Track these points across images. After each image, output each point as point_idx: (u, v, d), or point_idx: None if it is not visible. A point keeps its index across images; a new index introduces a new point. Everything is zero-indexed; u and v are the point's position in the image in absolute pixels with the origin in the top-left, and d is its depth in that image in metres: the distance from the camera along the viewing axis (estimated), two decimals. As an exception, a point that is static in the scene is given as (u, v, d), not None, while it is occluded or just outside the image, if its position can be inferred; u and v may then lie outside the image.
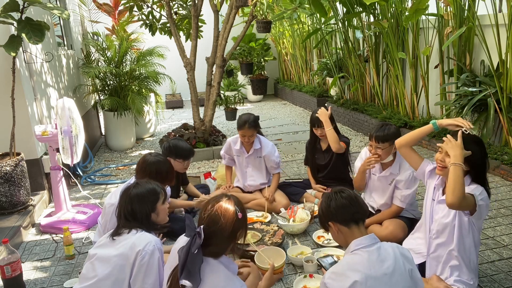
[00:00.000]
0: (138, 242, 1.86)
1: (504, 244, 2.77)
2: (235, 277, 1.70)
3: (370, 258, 1.62)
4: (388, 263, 1.61)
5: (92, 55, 6.12)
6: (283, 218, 3.17)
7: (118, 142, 5.83)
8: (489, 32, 4.12)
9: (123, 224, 1.97)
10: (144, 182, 2.08)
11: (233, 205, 1.70)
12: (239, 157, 3.64)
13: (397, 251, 1.67)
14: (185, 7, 5.53)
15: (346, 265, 1.64)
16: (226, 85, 8.64)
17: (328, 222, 1.76)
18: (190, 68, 5.17)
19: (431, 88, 5.15)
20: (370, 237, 1.68)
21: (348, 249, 1.71)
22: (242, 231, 1.72)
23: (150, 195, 2.02)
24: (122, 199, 2.02)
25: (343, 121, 6.67)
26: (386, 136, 2.74)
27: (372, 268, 1.59)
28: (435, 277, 2.16)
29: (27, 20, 3.25)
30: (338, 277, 1.61)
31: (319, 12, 5.52)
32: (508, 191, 3.61)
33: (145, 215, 1.98)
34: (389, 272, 1.59)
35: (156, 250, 1.86)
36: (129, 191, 2.01)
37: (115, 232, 1.97)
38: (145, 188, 2.03)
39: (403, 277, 1.62)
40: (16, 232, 3.15)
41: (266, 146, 3.55)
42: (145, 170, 2.58)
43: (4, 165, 3.31)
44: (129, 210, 1.97)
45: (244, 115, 3.50)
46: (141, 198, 1.99)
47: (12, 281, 2.46)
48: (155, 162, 2.62)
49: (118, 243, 1.91)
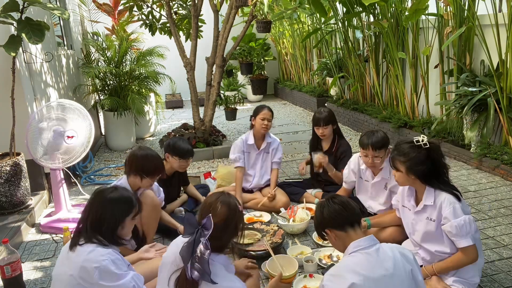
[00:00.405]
0: (92, 258, 1.70)
1: (504, 244, 2.77)
2: (235, 278, 1.71)
3: (368, 259, 1.61)
4: (388, 264, 1.60)
5: (92, 55, 6.12)
6: (283, 218, 3.18)
7: (118, 142, 5.83)
8: (489, 32, 4.12)
9: (84, 233, 1.78)
10: (122, 188, 1.92)
11: (233, 198, 1.76)
12: (249, 153, 3.66)
13: (396, 252, 1.66)
14: (185, 7, 5.53)
15: (344, 267, 1.63)
16: (226, 85, 8.64)
17: (325, 229, 1.77)
18: (190, 68, 5.17)
19: (431, 88, 5.15)
20: (369, 238, 1.68)
21: (346, 251, 1.70)
22: (242, 225, 1.75)
23: (124, 204, 1.85)
24: (94, 201, 1.83)
25: (343, 121, 6.68)
26: (382, 142, 2.75)
27: (371, 270, 1.58)
28: (435, 277, 2.16)
29: (27, 20, 3.25)
30: (336, 279, 1.61)
31: (319, 12, 5.51)
32: (508, 191, 3.61)
33: (112, 225, 1.80)
34: (389, 274, 1.58)
35: (108, 264, 1.71)
36: (104, 194, 1.84)
37: (74, 243, 1.78)
38: (121, 195, 1.87)
39: (403, 279, 1.61)
40: (16, 232, 3.15)
41: (274, 141, 3.66)
42: (131, 164, 2.64)
43: (4, 165, 3.31)
44: (98, 216, 1.78)
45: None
46: (115, 205, 1.83)
47: (12, 281, 2.46)
48: (142, 156, 2.66)
49: (72, 259, 1.74)
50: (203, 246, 1.60)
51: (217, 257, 1.69)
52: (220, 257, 1.70)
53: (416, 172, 2.13)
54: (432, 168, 2.12)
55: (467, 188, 3.72)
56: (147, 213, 2.68)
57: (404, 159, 2.15)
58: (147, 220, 2.74)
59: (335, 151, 3.53)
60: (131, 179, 2.67)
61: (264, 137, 3.62)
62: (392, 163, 2.24)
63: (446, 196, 2.10)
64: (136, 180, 2.65)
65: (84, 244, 1.75)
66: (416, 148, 2.13)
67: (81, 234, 1.79)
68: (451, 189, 2.14)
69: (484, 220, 3.12)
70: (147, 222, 2.75)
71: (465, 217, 2.04)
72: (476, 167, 4.19)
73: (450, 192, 2.11)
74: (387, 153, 2.79)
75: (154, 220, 2.81)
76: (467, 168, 4.22)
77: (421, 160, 2.11)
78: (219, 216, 1.68)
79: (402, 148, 2.18)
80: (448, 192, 2.11)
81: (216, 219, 1.66)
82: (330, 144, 3.56)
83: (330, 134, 3.54)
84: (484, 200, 3.46)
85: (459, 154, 4.44)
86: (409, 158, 2.13)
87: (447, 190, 2.12)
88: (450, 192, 2.11)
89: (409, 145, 2.16)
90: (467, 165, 4.28)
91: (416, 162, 2.11)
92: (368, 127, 5.82)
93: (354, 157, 3.07)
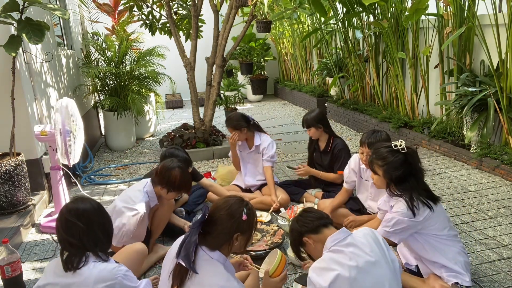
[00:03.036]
0: (102, 279, 1.70)
1: (504, 244, 2.77)
2: (234, 278, 1.71)
3: (349, 250, 1.70)
4: (366, 250, 1.71)
5: (92, 55, 6.12)
6: (283, 218, 3.18)
7: (118, 142, 5.82)
8: (489, 32, 4.12)
9: (79, 252, 1.74)
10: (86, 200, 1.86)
11: (243, 206, 1.76)
12: (242, 152, 3.73)
13: (369, 238, 1.77)
14: (185, 7, 5.52)
15: (328, 260, 1.71)
16: (226, 85, 8.64)
17: (302, 238, 1.85)
18: (190, 68, 5.17)
19: (431, 88, 5.15)
20: (342, 231, 1.78)
21: (325, 247, 1.77)
22: (241, 235, 1.74)
23: (105, 215, 1.86)
24: (77, 221, 1.74)
25: (343, 121, 6.68)
26: (378, 142, 2.75)
27: (353, 259, 1.67)
28: (432, 276, 2.18)
29: (27, 20, 3.25)
30: (321, 271, 1.68)
31: (319, 12, 5.52)
32: (508, 191, 3.61)
33: (107, 238, 1.83)
34: (369, 260, 1.68)
35: (122, 279, 1.74)
36: (82, 211, 1.77)
37: (69, 262, 1.73)
38: (96, 207, 1.84)
39: (382, 264, 1.71)
40: (16, 232, 3.15)
41: (265, 141, 3.63)
42: (163, 177, 2.64)
43: (4, 165, 3.30)
44: (91, 234, 1.75)
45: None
46: (101, 218, 1.82)
47: (12, 281, 2.45)
48: (177, 174, 2.65)
49: (77, 282, 1.71)
50: (193, 232, 1.65)
51: (214, 254, 1.70)
52: (215, 253, 1.70)
53: (391, 176, 2.16)
54: (408, 173, 2.15)
55: (467, 188, 3.72)
56: (162, 212, 2.77)
57: (382, 163, 2.18)
58: (161, 218, 2.80)
59: (331, 150, 3.53)
60: (158, 189, 2.70)
61: (253, 137, 3.64)
62: (370, 167, 2.29)
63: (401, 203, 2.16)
64: (162, 191, 2.68)
65: (84, 265, 1.73)
66: (394, 152, 2.17)
67: (75, 254, 1.75)
68: (424, 195, 2.16)
69: (484, 220, 3.12)
70: (159, 220, 2.80)
71: (399, 217, 2.12)
72: (476, 167, 4.19)
73: (410, 199, 2.13)
74: None
75: (166, 218, 2.86)
76: (467, 168, 4.22)
77: (398, 165, 2.15)
78: (220, 212, 1.73)
79: (381, 152, 2.22)
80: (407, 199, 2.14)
81: (217, 214, 1.72)
82: (326, 144, 3.57)
83: (320, 135, 3.56)
84: (484, 200, 3.45)
85: (459, 154, 4.44)
86: (386, 162, 2.17)
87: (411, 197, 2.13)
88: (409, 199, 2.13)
89: (387, 149, 2.20)
90: (467, 165, 4.28)
91: (393, 166, 2.15)
92: (368, 127, 5.82)
93: (355, 157, 3.08)
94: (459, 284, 2.10)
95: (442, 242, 2.16)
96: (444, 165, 4.33)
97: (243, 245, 1.80)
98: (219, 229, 1.71)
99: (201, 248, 1.69)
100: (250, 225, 1.77)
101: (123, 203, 2.64)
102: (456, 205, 3.39)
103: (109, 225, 1.86)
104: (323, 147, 3.59)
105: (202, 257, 1.67)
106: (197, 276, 1.63)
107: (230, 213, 1.72)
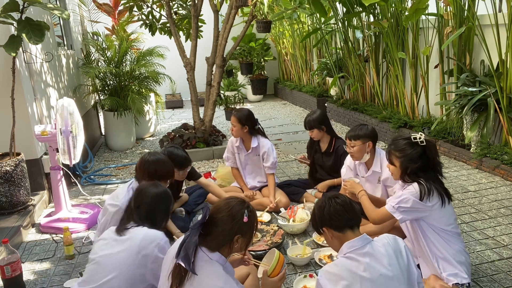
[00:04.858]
0: (151, 235, 1.96)
1: (504, 244, 2.78)
2: (233, 279, 1.71)
3: (365, 260, 1.62)
4: (384, 262, 1.62)
5: (92, 55, 6.12)
6: (283, 218, 3.18)
7: (118, 142, 5.82)
8: (489, 32, 4.12)
9: (136, 219, 2.03)
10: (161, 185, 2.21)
11: (245, 208, 1.74)
12: (239, 154, 3.68)
13: (389, 249, 1.67)
14: (185, 7, 5.53)
15: (341, 266, 1.65)
16: (226, 85, 8.64)
17: (322, 227, 1.78)
18: (190, 68, 5.17)
19: (431, 88, 5.15)
20: (362, 238, 1.69)
21: (341, 251, 1.72)
22: (241, 237, 1.73)
23: (170, 200, 2.18)
24: (145, 195, 2.10)
25: (343, 121, 6.68)
26: (356, 135, 2.80)
27: (367, 270, 1.60)
28: (432, 276, 2.18)
29: (27, 20, 3.25)
30: (331, 277, 1.63)
31: (319, 12, 5.52)
32: (508, 191, 3.61)
33: (165, 217, 2.14)
34: (385, 274, 1.60)
35: (164, 244, 1.97)
36: (153, 190, 2.12)
37: (121, 228, 2.02)
38: (166, 191, 2.17)
39: (400, 278, 1.62)
40: (16, 232, 3.15)
41: (264, 145, 3.54)
42: (144, 170, 2.61)
43: (4, 165, 3.30)
44: (152, 209, 2.07)
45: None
46: (165, 200, 2.14)
47: (12, 281, 2.46)
48: (153, 162, 2.64)
49: (124, 239, 1.97)
50: (193, 233, 1.66)
51: (213, 255, 1.69)
52: (215, 254, 1.70)
53: (408, 169, 2.16)
54: (425, 165, 2.15)
55: (467, 188, 3.72)
56: None
57: (400, 155, 2.19)
58: None
59: (333, 151, 3.52)
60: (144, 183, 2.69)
61: (251, 139, 3.57)
62: (388, 157, 2.29)
63: (416, 184, 2.15)
64: None
65: (135, 226, 2.00)
66: (412, 145, 2.17)
67: (129, 220, 2.04)
68: (439, 188, 2.15)
69: (484, 220, 3.12)
70: None
71: (408, 195, 2.11)
72: (476, 167, 4.19)
73: (425, 183, 2.13)
74: (368, 145, 2.82)
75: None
76: (467, 168, 4.22)
77: (416, 157, 2.16)
78: (221, 213, 1.72)
79: (399, 143, 2.24)
80: (422, 183, 2.14)
81: (218, 215, 1.70)
82: (328, 145, 3.55)
83: (322, 136, 3.53)
84: (484, 200, 3.45)
85: (459, 154, 4.44)
86: (404, 154, 2.17)
87: (426, 183, 2.14)
88: (425, 183, 2.13)
89: (406, 141, 2.21)
90: (467, 165, 4.29)
91: (411, 158, 2.16)
92: (368, 127, 5.82)
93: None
94: (459, 284, 2.10)
95: (446, 236, 2.16)
96: (444, 165, 4.34)
97: (244, 247, 1.78)
98: (219, 230, 1.70)
99: (201, 249, 1.69)
100: (251, 227, 1.76)
101: (109, 200, 2.60)
102: (456, 205, 3.39)
103: (168, 211, 2.18)
104: (325, 148, 3.58)
105: (202, 258, 1.67)
106: (196, 277, 1.62)
107: (231, 215, 1.71)
